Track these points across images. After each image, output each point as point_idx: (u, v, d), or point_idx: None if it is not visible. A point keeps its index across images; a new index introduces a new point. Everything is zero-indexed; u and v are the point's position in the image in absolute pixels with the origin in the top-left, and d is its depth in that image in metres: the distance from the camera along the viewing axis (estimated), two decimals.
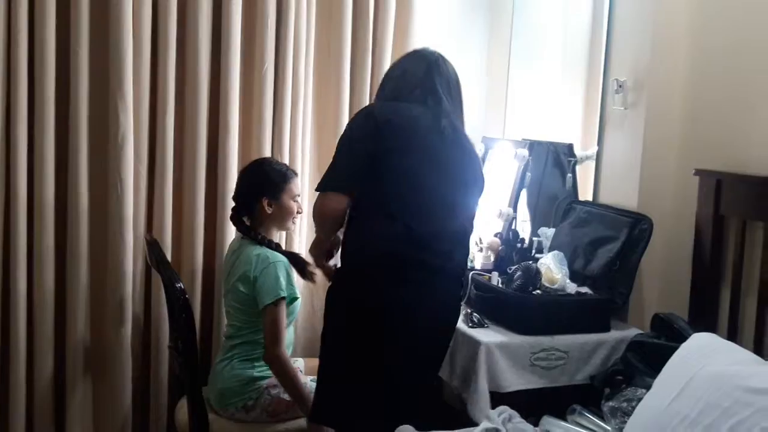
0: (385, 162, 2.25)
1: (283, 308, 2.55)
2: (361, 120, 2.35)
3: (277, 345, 2.52)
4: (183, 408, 2.67)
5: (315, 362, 2.79)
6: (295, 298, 2.64)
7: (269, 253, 2.63)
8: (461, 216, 2.37)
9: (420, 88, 2.36)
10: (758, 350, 2.34)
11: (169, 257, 2.89)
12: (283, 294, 2.54)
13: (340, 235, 2.47)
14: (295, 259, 2.72)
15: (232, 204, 2.87)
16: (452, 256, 2.33)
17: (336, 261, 2.52)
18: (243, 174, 2.80)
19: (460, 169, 2.37)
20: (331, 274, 2.47)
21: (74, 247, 2.83)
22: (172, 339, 2.83)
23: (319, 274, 2.64)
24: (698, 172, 2.69)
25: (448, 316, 2.42)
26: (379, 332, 2.27)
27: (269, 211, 2.67)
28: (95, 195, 2.86)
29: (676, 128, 2.86)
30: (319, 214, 2.36)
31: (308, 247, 2.67)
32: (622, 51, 3.00)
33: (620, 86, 2.94)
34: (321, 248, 2.48)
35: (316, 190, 2.34)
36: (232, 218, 2.76)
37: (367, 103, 3.21)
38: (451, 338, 2.48)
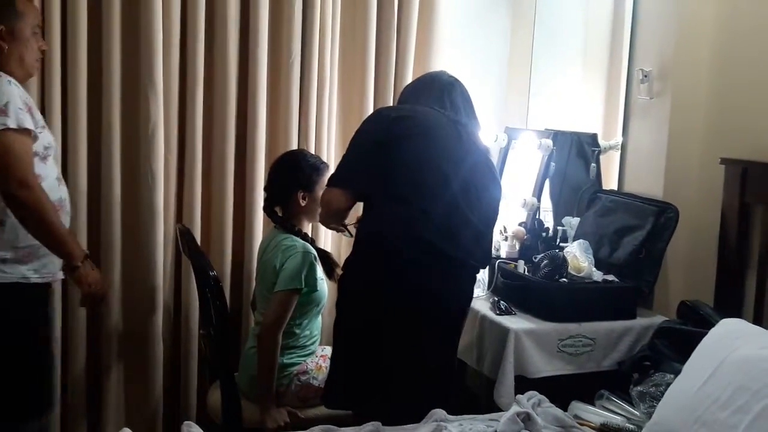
0: (396, 148, 2.30)
1: (295, 299, 2.59)
2: (372, 116, 2.49)
3: (278, 329, 2.57)
4: (215, 393, 2.72)
5: None
6: (314, 291, 2.65)
7: (299, 242, 2.66)
8: (474, 213, 2.35)
9: (437, 99, 2.44)
10: None
11: None
12: (300, 286, 2.58)
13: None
14: (324, 257, 2.76)
15: (260, 194, 2.91)
16: (463, 244, 2.33)
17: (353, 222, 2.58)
18: (277, 166, 2.82)
19: (474, 171, 2.37)
20: (342, 231, 2.60)
21: (107, 236, 2.88)
22: (203, 326, 2.88)
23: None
24: (724, 161, 2.71)
25: (459, 304, 2.42)
26: (395, 315, 2.29)
27: (303, 203, 2.71)
28: (127, 185, 2.90)
29: (701, 117, 2.88)
30: (322, 210, 2.46)
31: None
32: (647, 41, 3.02)
33: (645, 76, 2.96)
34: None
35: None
36: (264, 209, 2.80)
37: (391, 94, 3.25)
38: (462, 324, 2.47)
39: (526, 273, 2.82)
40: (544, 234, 3.10)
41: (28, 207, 2.19)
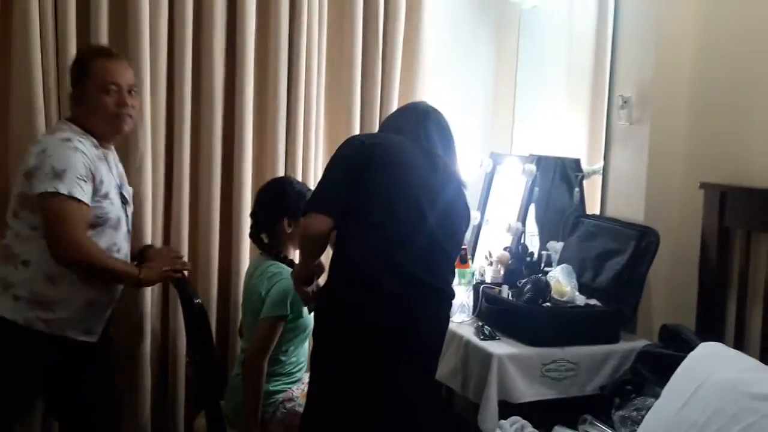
0: (370, 174, 2.27)
1: (281, 326, 2.61)
2: (345, 142, 2.42)
3: (263, 356, 2.59)
4: (201, 421, 2.72)
5: None
6: (300, 318, 2.66)
7: (284, 269, 2.68)
8: (449, 243, 2.37)
9: (412, 129, 2.42)
10: (765, 359, 2.37)
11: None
12: (285, 313, 2.59)
13: (324, 260, 2.44)
14: None
15: (247, 220, 2.94)
16: (441, 273, 2.34)
17: (314, 287, 2.46)
18: (263, 192, 2.84)
19: (452, 203, 2.38)
20: (309, 299, 2.44)
21: None
22: (189, 353, 2.89)
23: None
24: (703, 185, 2.75)
25: (438, 330, 2.40)
26: (374, 341, 2.25)
27: (289, 230, 2.73)
28: None
29: (680, 142, 2.91)
30: (302, 236, 2.38)
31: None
32: (626, 67, 3.06)
33: (625, 102, 2.99)
34: (303, 272, 2.41)
35: (302, 212, 2.34)
36: (251, 235, 2.83)
37: (377, 121, 3.29)
38: (439, 351, 2.43)
39: (510, 298, 2.84)
40: (528, 259, 3.13)
41: (81, 265, 2.32)
